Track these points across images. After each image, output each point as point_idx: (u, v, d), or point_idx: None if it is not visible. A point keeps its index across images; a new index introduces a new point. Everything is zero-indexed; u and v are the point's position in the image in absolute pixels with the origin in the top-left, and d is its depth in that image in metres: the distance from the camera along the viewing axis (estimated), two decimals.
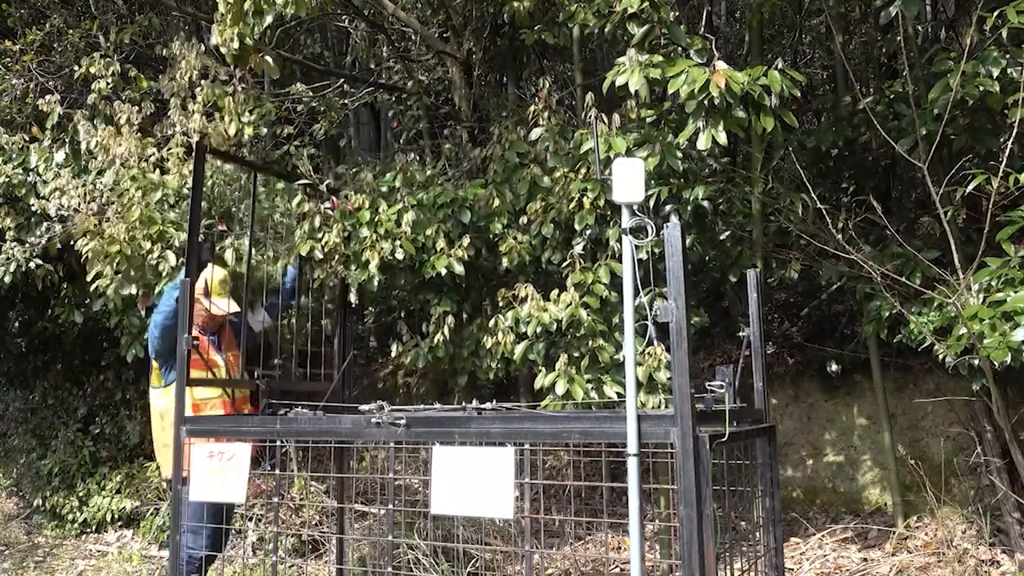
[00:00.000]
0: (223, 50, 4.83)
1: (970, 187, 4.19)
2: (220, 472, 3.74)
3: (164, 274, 5.28)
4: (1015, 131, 4.19)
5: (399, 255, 5.04)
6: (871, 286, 4.85)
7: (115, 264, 5.36)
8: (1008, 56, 4.35)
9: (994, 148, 4.70)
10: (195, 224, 4.29)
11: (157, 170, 5.70)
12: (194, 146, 4.60)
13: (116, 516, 7.41)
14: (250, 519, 6.22)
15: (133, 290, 5.48)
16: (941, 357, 4.30)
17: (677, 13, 5.01)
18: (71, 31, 8.22)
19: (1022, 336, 3.80)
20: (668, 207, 4.81)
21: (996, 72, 4.33)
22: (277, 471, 4.29)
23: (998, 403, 4.40)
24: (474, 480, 3.17)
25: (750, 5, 5.82)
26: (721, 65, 4.20)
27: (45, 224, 6.49)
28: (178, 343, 4.09)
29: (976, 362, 4.20)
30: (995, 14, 4.22)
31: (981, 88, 4.35)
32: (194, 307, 4.25)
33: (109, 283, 5.39)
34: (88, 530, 7.56)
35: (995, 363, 3.94)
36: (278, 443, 4.09)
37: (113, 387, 8.21)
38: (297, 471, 6.55)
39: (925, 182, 4.42)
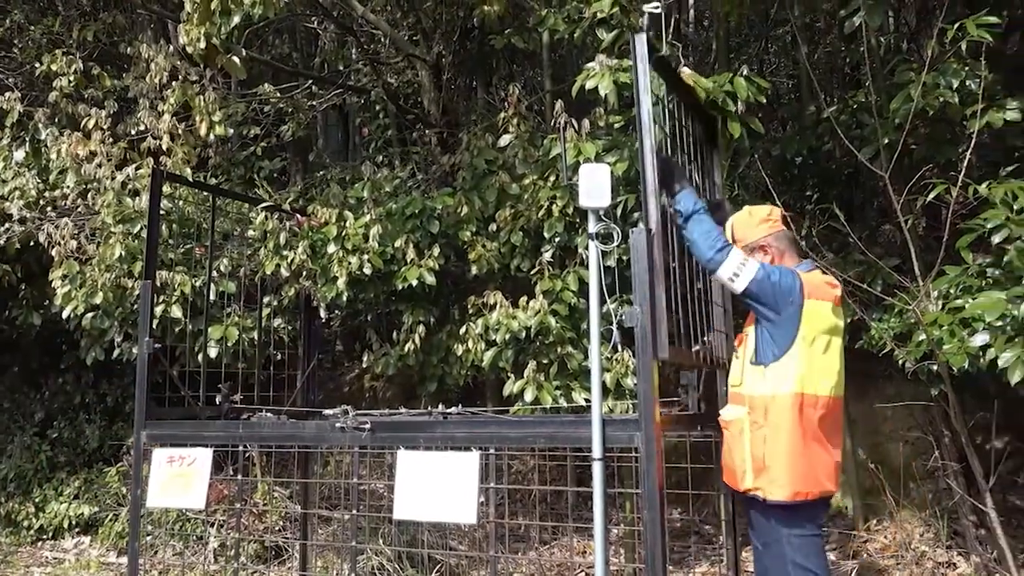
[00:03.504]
0: (189, 49, 4.78)
1: (930, 196, 4.27)
2: (180, 477, 3.69)
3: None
4: (973, 142, 4.27)
5: (367, 270, 5.03)
6: None
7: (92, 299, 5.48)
8: (967, 68, 4.44)
9: (953, 158, 4.79)
10: (152, 240, 4.35)
11: (136, 196, 5.66)
12: (151, 169, 4.66)
13: (74, 522, 7.26)
14: (212, 525, 6.13)
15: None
16: (901, 363, 4.37)
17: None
18: (33, 27, 8.06)
19: (980, 342, 3.87)
20: (636, 214, 4.83)
21: (956, 84, 4.42)
22: (240, 476, 4.24)
23: (955, 408, 4.48)
24: (439, 485, 3.16)
25: (717, 14, 5.88)
26: (686, 71, 4.24)
27: (4, 224, 6.36)
28: (139, 346, 4.03)
29: (935, 367, 4.27)
30: (955, 27, 4.31)
31: (941, 99, 4.43)
32: None
33: (78, 307, 5.54)
34: (44, 537, 7.39)
35: (953, 368, 4.01)
36: (241, 448, 4.04)
37: (72, 390, 8.04)
38: (260, 476, 6.47)
39: (887, 191, 4.49)
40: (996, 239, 3.98)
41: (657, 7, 3.82)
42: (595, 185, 3.01)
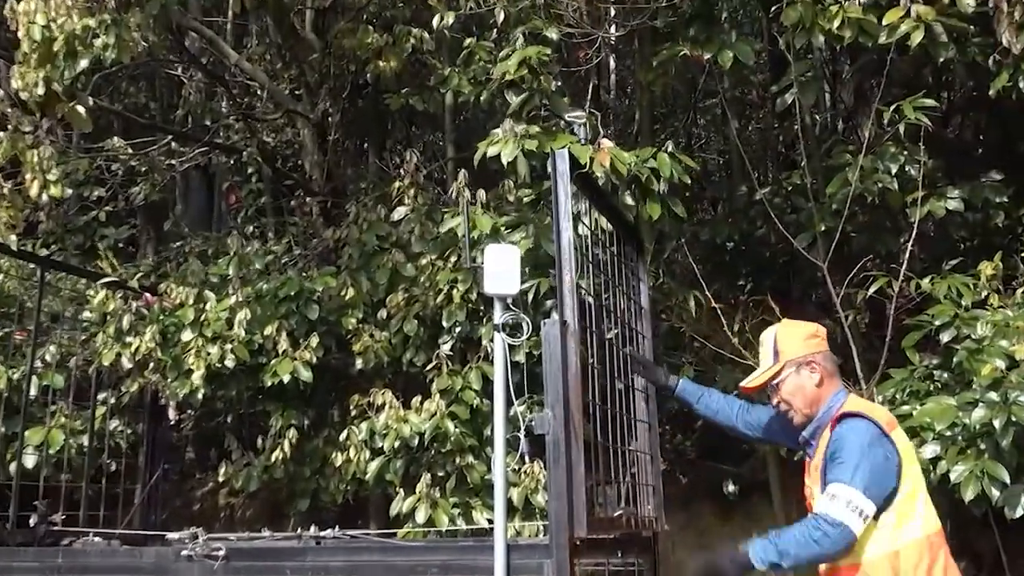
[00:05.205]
0: (24, 95, 4.69)
1: (872, 290, 4.50)
2: None
3: None
4: (915, 232, 4.54)
5: (229, 362, 4.93)
6: None
7: None
8: (906, 153, 4.76)
9: (895, 249, 5.09)
10: None
11: None
12: None
13: None
14: None
15: None
16: None
17: (560, 83, 5.25)
18: None
19: (930, 454, 4.00)
20: (549, 302, 4.91)
21: (894, 169, 4.73)
22: None
23: None
24: None
25: (641, 82, 6.18)
26: (607, 143, 4.41)
27: None
28: None
29: None
30: (892, 108, 4.63)
31: (880, 184, 4.73)
32: None
33: None
34: None
35: None
36: None
37: None
38: None
39: (826, 282, 4.71)
40: (944, 338, 4.19)
41: (581, 116, 4.09)
42: (503, 269, 3.03)
